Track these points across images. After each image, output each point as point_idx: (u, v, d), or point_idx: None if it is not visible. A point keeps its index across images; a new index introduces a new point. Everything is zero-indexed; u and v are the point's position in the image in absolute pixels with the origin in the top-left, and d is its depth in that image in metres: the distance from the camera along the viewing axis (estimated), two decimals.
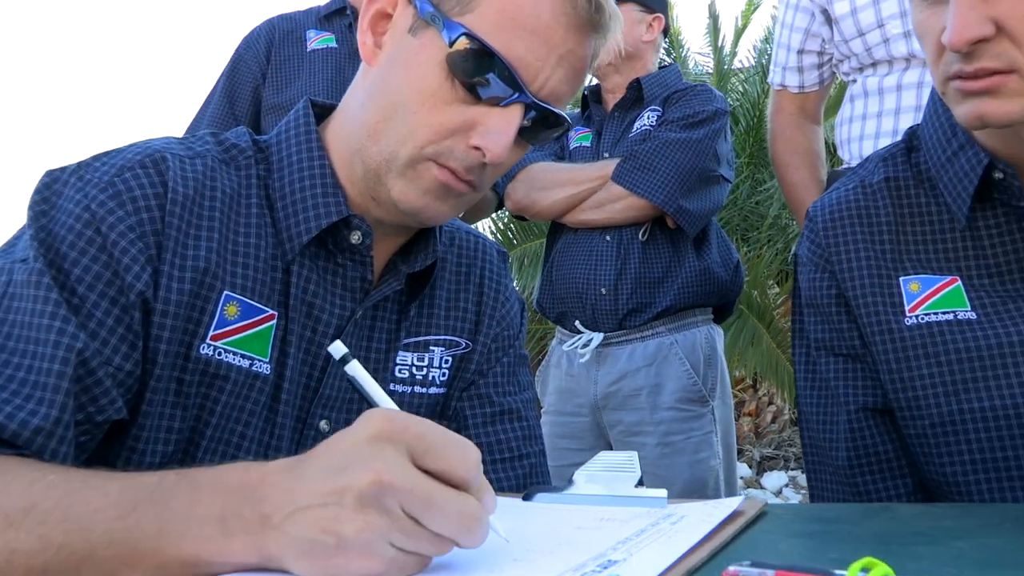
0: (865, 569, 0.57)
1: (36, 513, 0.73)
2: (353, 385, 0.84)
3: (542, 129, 1.03)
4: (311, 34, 2.44)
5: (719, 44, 6.57)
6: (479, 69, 0.95)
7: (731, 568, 0.65)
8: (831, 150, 3.60)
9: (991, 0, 0.95)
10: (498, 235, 6.38)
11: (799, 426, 1.31)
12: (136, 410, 0.94)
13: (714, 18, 6.48)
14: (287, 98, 2.37)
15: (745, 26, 6.82)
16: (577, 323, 2.50)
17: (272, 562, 0.69)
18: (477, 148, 0.97)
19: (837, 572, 0.59)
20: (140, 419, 0.94)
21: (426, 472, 0.67)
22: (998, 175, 1.09)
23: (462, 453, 0.69)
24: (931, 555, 0.66)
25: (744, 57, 7.02)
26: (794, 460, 6.22)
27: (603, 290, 2.41)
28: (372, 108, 1.01)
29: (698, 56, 6.97)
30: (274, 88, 2.41)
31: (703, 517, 0.83)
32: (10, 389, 0.83)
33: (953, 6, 0.97)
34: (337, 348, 0.84)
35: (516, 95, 0.97)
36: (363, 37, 1.04)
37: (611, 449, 2.48)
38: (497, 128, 0.97)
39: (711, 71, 6.82)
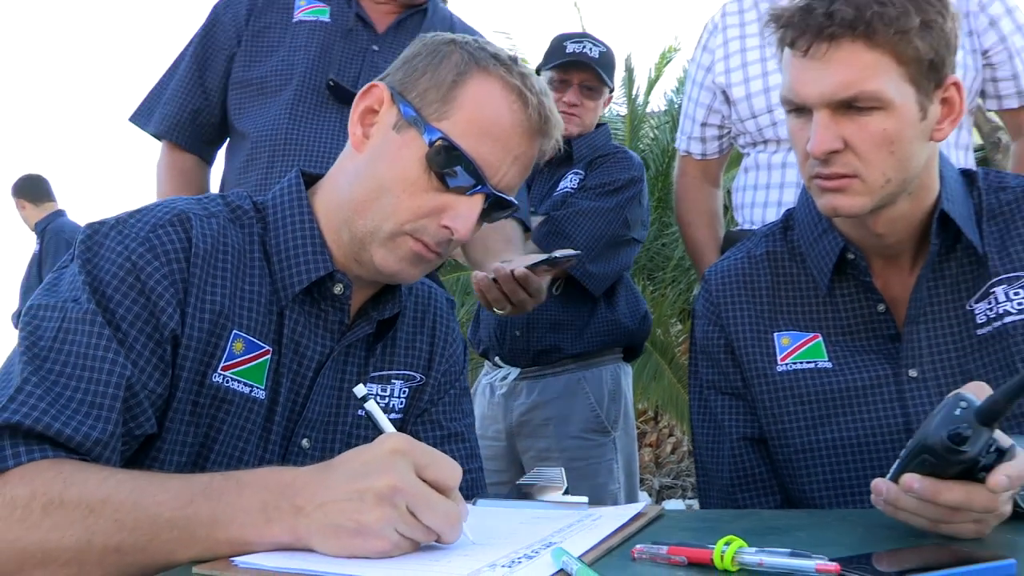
0: (727, 543, 0.84)
1: (111, 503, 0.95)
2: (369, 417, 1.09)
3: (496, 211, 1.29)
4: (301, 1, 2.08)
5: (633, 94, 6.95)
6: (451, 164, 1.20)
7: (638, 546, 0.91)
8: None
9: (842, 123, 1.26)
10: None
11: (693, 451, 1.58)
12: (160, 426, 1.16)
13: (629, 71, 6.86)
14: (259, 74, 2.03)
15: (658, 77, 7.23)
16: (497, 359, 2.76)
17: (302, 542, 0.93)
18: (447, 227, 1.22)
19: (710, 545, 0.85)
20: (163, 434, 1.16)
21: (424, 481, 0.93)
22: (851, 256, 1.39)
23: (450, 469, 0.95)
24: (778, 540, 0.92)
25: (656, 105, 7.41)
26: (691, 489, 6.55)
27: (517, 332, 2.68)
28: (359, 188, 1.25)
29: (614, 104, 7.32)
30: (246, 60, 2.05)
31: (616, 515, 1.09)
32: (72, 408, 1.04)
33: (814, 124, 1.27)
34: (360, 389, 1.09)
35: (480, 187, 1.22)
36: (353, 128, 1.28)
37: (523, 472, 2.75)
38: (464, 213, 1.22)
39: (625, 116, 7.17)
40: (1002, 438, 0.94)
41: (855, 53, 1.23)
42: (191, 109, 2.08)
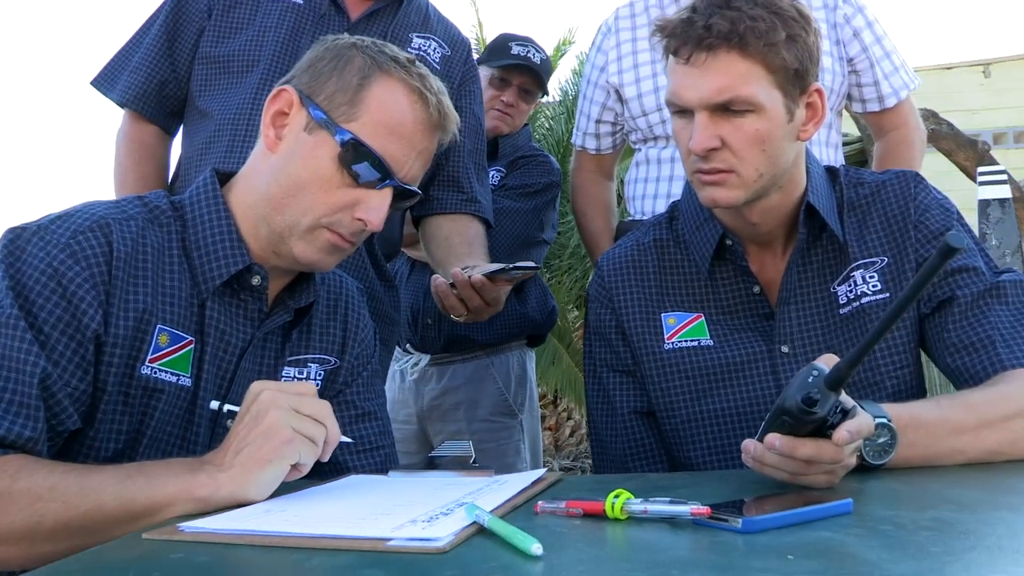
0: (616, 496, 0.97)
1: (58, 489, 1.07)
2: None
3: (403, 201, 1.41)
4: None
5: None
6: (361, 162, 1.32)
7: (540, 502, 1.04)
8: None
9: (719, 124, 1.40)
10: None
11: (588, 426, 1.72)
12: (92, 418, 1.24)
13: None
14: (225, 52, 1.97)
15: (553, 69, 7.37)
16: (408, 346, 2.86)
17: (226, 485, 1.09)
18: (360, 219, 1.34)
19: (601, 498, 0.98)
20: (96, 424, 1.24)
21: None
22: (729, 242, 1.54)
23: (309, 387, 1.20)
24: (662, 494, 1.05)
25: (550, 96, 7.55)
26: (590, 471, 6.74)
27: (429, 320, 2.78)
28: (276, 187, 1.35)
29: None
30: (215, 35, 1.99)
31: (520, 480, 1.21)
32: (2, 408, 1.12)
33: (695, 125, 1.41)
34: (213, 404, 1.33)
35: (389, 181, 1.34)
36: (266, 130, 1.38)
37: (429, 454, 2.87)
38: (375, 205, 1.34)
39: None
40: (846, 400, 1.10)
41: (730, 62, 1.37)
42: (158, 80, 2.02)
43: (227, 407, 1.26)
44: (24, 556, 1.06)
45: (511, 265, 1.64)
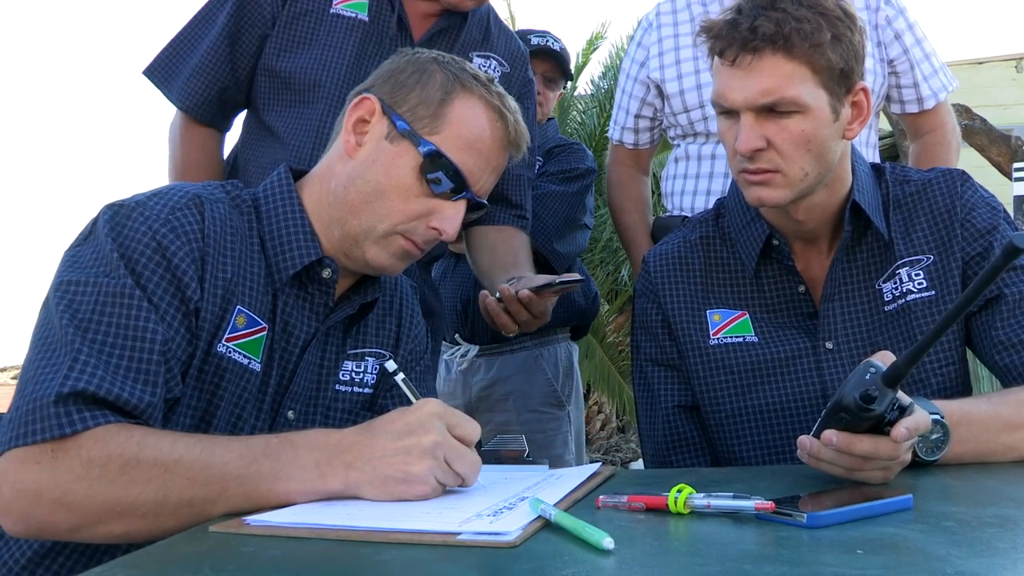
0: (679, 491, 0.99)
1: (184, 463, 1.10)
2: (404, 387, 1.29)
3: (473, 212, 1.45)
4: None
5: None
6: (441, 173, 1.36)
7: (601, 497, 1.06)
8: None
9: (765, 124, 1.41)
10: None
11: (637, 419, 1.74)
12: None
13: None
14: (287, 68, 1.93)
15: (585, 63, 7.40)
16: (457, 336, 2.90)
17: (351, 491, 1.11)
18: (435, 229, 1.38)
19: (663, 493, 1.00)
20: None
21: (454, 437, 1.13)
22: (775, 242, 1.55)
23: (472, 427, 1.17)
24: (720, 489, 1.07)
25: (583, 90, 7.58)
26: (620, 464, 6.77)
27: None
28: (354, 191, 1.38)
29: None
30: (277, 47, 1.94)
31: (576, 474, 1.24)
32: (122, 374, 1.16)
33: (741, 125, 1.42)
34: (390, 365, 1.30)
35: (465, 193, 1.39)
36: (347, 136, 1.41)
37: (480, 445, 2.90)
38: (450, 216, 1.39)
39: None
40: (903, 398, 1.12)
41: (776, 64, 1.39)
42: (219, 87, 1.97)
43: (401, 376, 1.29)
44: (149, 531, 1.10)
45: (558, 279, 1.68)
